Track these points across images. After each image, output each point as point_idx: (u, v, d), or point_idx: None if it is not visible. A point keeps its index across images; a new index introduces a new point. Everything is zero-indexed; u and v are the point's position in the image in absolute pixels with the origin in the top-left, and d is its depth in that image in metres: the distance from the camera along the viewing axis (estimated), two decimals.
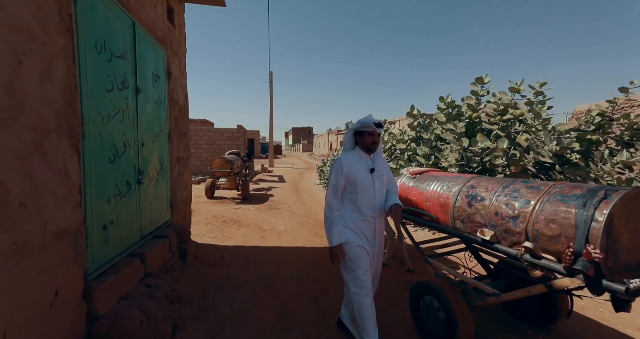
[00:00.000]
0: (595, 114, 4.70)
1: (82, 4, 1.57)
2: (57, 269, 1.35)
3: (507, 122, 4.18)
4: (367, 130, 1.89)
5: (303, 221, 5.48)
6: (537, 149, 3.65)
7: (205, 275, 2.89)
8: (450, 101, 4.96)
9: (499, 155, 3.90)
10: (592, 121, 4.75)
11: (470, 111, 4.69)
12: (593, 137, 4.55)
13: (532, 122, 4.16)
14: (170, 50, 3.07)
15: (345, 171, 1.87)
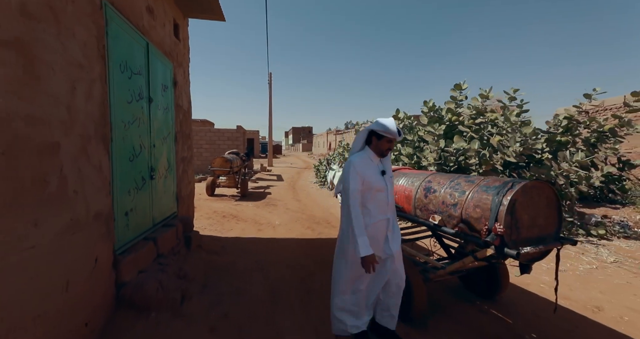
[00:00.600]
0: (562, 118, 5.14)
1: (111, 35, 2.00)
2: (96, 242, 1.77)
3: (479, 125, 4.60)
4: (388, 136, 1.84)
5: (297, 216, 5.90)
6: (504, 150, 4.07)
7: (207, 260, 3.31)
8: (432, 105, 5.38)
9: (472, 155, 4.33)
10: (560, 124, 5.19)
11: (450, 115, 5.12)
12: (562, 139, 4.99)
13: (504, 125, 4.58)
14: (176, 62, 3.49)
15: (360, 175, 1.81)
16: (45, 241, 1.35)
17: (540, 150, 4.96)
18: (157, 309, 2.06)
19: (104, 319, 1.83)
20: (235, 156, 8.78)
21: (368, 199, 1.83)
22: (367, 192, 1.83)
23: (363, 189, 1.82)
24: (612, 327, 2.19)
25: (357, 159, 1.85)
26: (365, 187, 1.82)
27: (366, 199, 1.83)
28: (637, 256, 3.48)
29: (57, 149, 1.44)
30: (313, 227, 5.14)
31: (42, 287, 1.33)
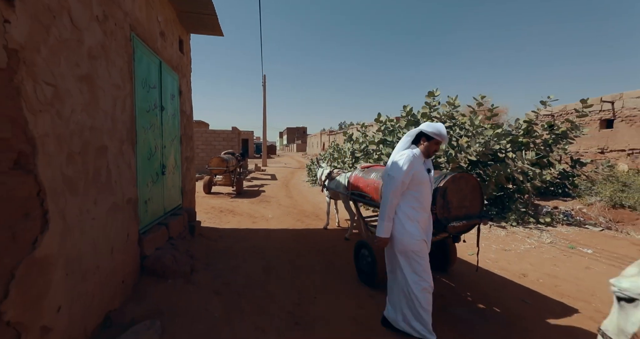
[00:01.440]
0: (522, 122, 5.82)
1: (137, 59, 2.52)
2: (128, 222, 2.30)
3: (449, 128, 5.22)
4: (440, 138, 1.94)
5: (289, 211, 6.44)
6: (467, 150, 4.69)
7: (208, 245, 3.84)
8: (409, 110, 6.00)
9: (441, 154, 4.94)
10: (521, 127, 5.87)
11: (425, 119, 5.74)
12: (523, 140, 5.66)
13: (469, 128, 5.22)
14: (181, 74, 4.00)
15: (415, 170, 1.92)
16: (101, 216, 1.88)
17: (503, 150, 5.61)
18: (172, 276, 2.60)
19: (133, 281, 2.36)
20: (231, 156, 9.26)
21: (419, 192, 1.94)
22: (418, 186, 1.93)
23: (414, 182, 1.92)
24: (528, 286, 2.82)
25: (415, 155, 1.94)
26: (416, 180, 1.92)
27: (419, 194, 1.94)
28: (570, 238, 4.13)
29: (105, 150, 1.96)
30: (303, 219, 5.70)
31: (99, 248, 1.86)
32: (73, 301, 1.58)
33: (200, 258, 3.36)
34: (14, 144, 1.23)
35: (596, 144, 7.39)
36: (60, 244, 1.47)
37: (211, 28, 4.28)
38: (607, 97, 7.09)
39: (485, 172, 5.40)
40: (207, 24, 4.12)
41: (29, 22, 1.30)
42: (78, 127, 1.65)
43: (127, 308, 2.14)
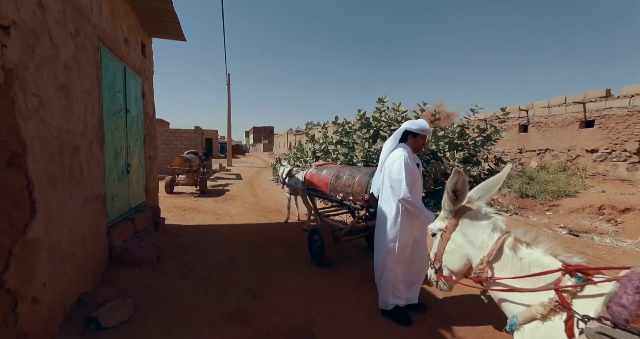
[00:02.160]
0: (457, 126, 6.79)
1: (104, 66, 2.74)
2: (98, 215, 2.53)
3: (393, 131, 5.97)
4: (425, 133, 2.08)
5: (253, 208, 6.75)
6: None
7: (173, 239, 4.07)
8: (363, 114, 6.67)
9: None
10: (455, 131, 6.83)
11: (375, 122, 6.45)
12: (457, 142, 6.62)
13: None
14: (144, 77, 4.16)
15: (412, 169, 2.05)
16: (76, 208, 2.13)
17: (441, 150, 6.52)
18: (140, 265, 2.85)
19: (103, 268, 2.60)
20: (194, 155, 9.24)
21: (414, 188, 2.06)
22: (414, 182, 2.05)
23: (411, 178, 2.02)
24: None
25: (406, 153, 2.06)
26: (414, 177, 2.05)
27: (414, 187, 2.06)
28: None
29: (78, 150, 2.20)
30: (266, 215, 6.06)
31: (74, 237, 2.10)
32: (55, 279, 1.84)
33: (166, 250, 3.60)
34: (9, 145, 1.50)
35: (516, 145, 8.79)
36: (45, 230, 1.74)
37: (174, 34, 4.48)
38: (523, 106, 8.50)
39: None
40: (169, 30, 4.32)
41: (21, 45, 1.56)
42: (57, 130, 1.90)
43: (98, 291, 2.38)
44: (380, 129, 6.21)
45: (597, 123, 6.94)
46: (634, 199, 5.25)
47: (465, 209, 1.23)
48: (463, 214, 1.23)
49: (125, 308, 2.12)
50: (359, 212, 2.96)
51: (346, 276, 3.17)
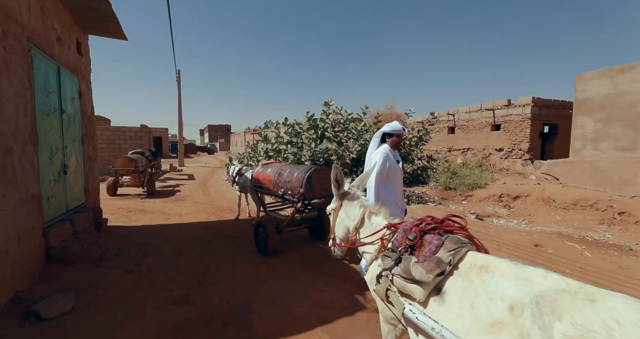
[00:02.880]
0: None
1: (35, 67, 2.71)
2: (33, 215, 2.54)
3: (337, 132, 6.55)
4: (398, 133, 2.40)
5: (204, 207, 6.77)
6: (349, 150, 6.04)
7: (117, 239, 4.04)
8: (311, 116, 7.13)
9: (332, 153, 6.19)
10: None
11: (322, 124, 6.94)
12: None
13: (355, 131, 6.64)
14: (80, 75, 4.04)
15: (390, 163, 2.33)
16: (9, 208, 2.16)
17: None
18: (81, 262, 2.90)
19: (40, 267, 2.61)
20: (140, 155, 8.81)
21: (394, 180, 2.35)
22: (394, 175, 2.36)
23: (390, 172, 2.33)
24: None
25: (387, 151, 2.35)
26: (392, 171, 2.34)
27: (393, 179, 2.35)
28: (415, 212, 5.92)
29: (11, 151, 2.23)
30: (217, 213, 6.17)
31: (8, 236, 2.14)
32: None
33: (109, 249, 3.60)
34: None
35: (446, 145, 10.11)
36: None
37: (114, 33, 4.39)
38: (451, 111, 9.83)
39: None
40: (109, 29, 4.24)
41: None
42: None
43: (35, 288, 2.42)
44: (326, 130, 6.73)
45: (502, 127, 8.39)
46: (523, 188, 6.56)
47: (347, 194, 1.70)
48: (345, 197, 1.70)
49: (66, 300, 2.23)
50: (297, 205, 3.37)
51: (286, 261, 3.56)
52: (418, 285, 1.01)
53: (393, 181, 2.40)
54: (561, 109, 8.11)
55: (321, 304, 2.58)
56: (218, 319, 2.32)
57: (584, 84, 6.39)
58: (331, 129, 6.59)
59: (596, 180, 6.22)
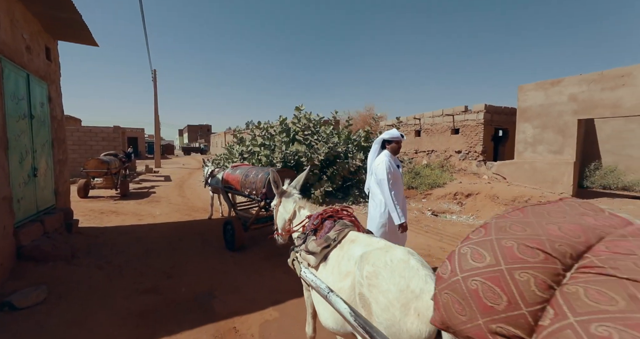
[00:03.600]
0: (362, 131, 8.07)
1: (5, 77, 2.86)
2: (4, 216, 2.69)
3: (307, 136, 6.93)
4: (397, 140, 2.55)
5: (179, 208, 6.89)
6: (317, 152, 6.44)
7: (89, 239, 4.17)
8: (283, 119, 7.45)
9: (302, 155, 6.55)
10: (362, 134, 8.11)
11: (293, 127, 7.29)
12: (364, 144, 7.89)
13: (324, 135, 7.04)
14: (50, 81, 4.13)
15: (392, 169, 2.48)
16: None
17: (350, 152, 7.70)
18: (53, 260, 3.06)
19: (11, 264, 2.76)
20: (113, 157, 8.71)
21: (397, 185, 2.50)
22: (396, 180, 2.50)
23: (393, 178, 2.46)
24: None
25: (387, 158, 2.50)
26: (395, 176, 2.49)
27: (396, 185, 2.50)
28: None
29: None
30: (191, 214, 6.33)
31: None
32: None
33: (81, 248, 3.75)
34: None
35: (414, 147, 10.79)
36: None
37: (84, 39, 4.50)
38: (417, 115, 10.52)
39: (334, 169, 7.36)
40: (79, 36, 4.35)
41: None
42: None
43: (7, 284, 2.58)
44: (297, 133, 7.09)
45: (460, 131, 9.15)
46: (475, 187, 7.25)
47: (285, 192, 2.07)
48: (283, 195, 2.06)
49: (39, 292, 2.42)
50: (260, 203, 3.69)
51: (252, 256, 3.87)
52: (312, 255, 1.39)
53: (396, 185, 2.55)
54: (511, 115, 8.96)
55: (277, 290, 2.92)
56: (183, 305, 2.61)
57: (525, 94, 7.19)
58: (301, 132, 6.96)
59: (534, 179, 7.02)
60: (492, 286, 0.53)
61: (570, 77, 6.37)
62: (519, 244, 0.55)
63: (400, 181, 2.63)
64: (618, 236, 0.50)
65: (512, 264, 0.53)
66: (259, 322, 2.39)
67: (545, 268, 0.50)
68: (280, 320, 2.42)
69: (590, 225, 0.54)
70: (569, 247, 0.52)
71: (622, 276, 0.43)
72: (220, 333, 2.23)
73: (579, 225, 0.54)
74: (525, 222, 0.59)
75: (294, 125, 7.32)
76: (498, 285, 0.53)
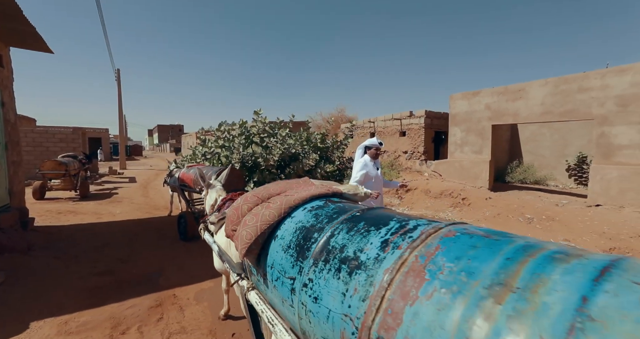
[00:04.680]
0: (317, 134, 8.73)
1: None
2: None
3: (263, 138, 7.47)
4: (375, 146, 3.01)
5: (140, 207, 7.10)
6: (272, 153, 7.00)
7: (46, 235, 4.40)
8: (243, 122, 7.92)
9: (258, 156, 7.08)
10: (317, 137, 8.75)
11: (253, 129, 7.78)
12: (320, 146, 8.54)
13: (279, 137, 7.61)
14: (3, 86, 4.30)
15: (367, 170, 2.94)
16: None
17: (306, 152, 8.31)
18: (9, 252, 3.35)
19: None
20: (72, 159, 8.60)
21: (372, 184, 2.94)
22: (369, 180, 2.94)
23: (367, 177, 2.92)
24: None
25: (365, 162, 2.96)
26: (369, 176, 2.94)
27: (370, 183, 2.94)
28: None
29: None
30: (152, 212, 6.61)
31: None
32: None
33: (38, 242, 4.00)
34: None
35: None
36: None
37: (38, 47, 4.69)
38: (372, 119, 11.46)
39: (290, 168, 7.94)
40: (33, 44, 4.55)
41: None
42: None
43: None
44: (254, 136, 7.61)
45: (407, 133, 10.18)
46: (415, 183, 8.23)
47: (210, 185, 2.64)
48: (210, 187, 2.63)
49: None
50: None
51: (202, 244, 4.32)
52: (212, 225, 1.98)
53: (372, 184, 2.96)
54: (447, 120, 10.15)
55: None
56: (132, 282, 3.07)
57: (454, 102, 8.29)
58: (257, 135, 7.49)
59: (462, 175, 8.13)
60: (234, 212, 1.17)
61: (485, 89, 7.52)
62: (252, 195, 1.21)
63: (377, 181, 3.04)
64: (290, 190, 1.17)
65: (245, 203, 1.17)
66: (196, 290, 2.93)
67: (254, 202, 1.15)
68: (213, 288, 2.97)
69: (284, 186, 1.20)
70: (267, 194, 1.17)
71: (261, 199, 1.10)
72: (161, 298, 2.74)
73: (279, 187, 1.20)
74: (259, 190, 1.26)
75: (253, 128, 7.82)
76: (236, 210, 1.17)
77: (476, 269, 0.54)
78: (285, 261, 0.91)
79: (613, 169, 5.33)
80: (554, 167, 9.37)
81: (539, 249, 0.55)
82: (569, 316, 0.42)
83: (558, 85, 6.10)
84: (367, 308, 0.61)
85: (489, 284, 0.51)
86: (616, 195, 5.29)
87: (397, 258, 0.64)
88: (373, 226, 0.78)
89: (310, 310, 0.76)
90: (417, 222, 0.75)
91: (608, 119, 5.43)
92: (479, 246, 0.60)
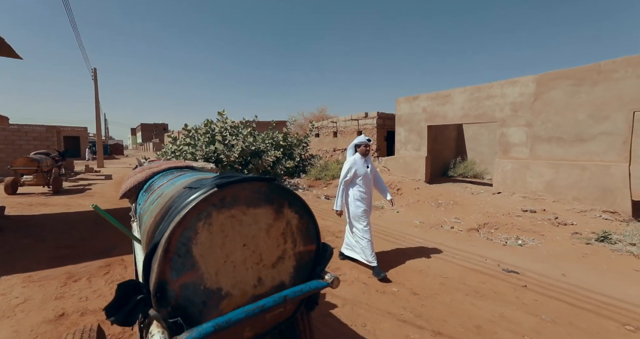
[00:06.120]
0: (278, 133, 9.51)
1: None
2: None
3: (225, 136, 8.16)
4: (364, 144, 3.04)
5: (110, 200, 7.56)
6: (233, 150, 7.70)
7: (16, 223, 4.91)
8: (208, 122, 8.56)
9: (220, 153, 7.75)
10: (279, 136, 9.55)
11: (217, 128, 8.43)
12: (283, 144, 9.31)
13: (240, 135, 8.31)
14: None
15: (354, 168, 2.97)
16: None
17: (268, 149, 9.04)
18: None
19: None
20: (45, 156, 8.88)
21: (359, 181, 2.99)
22: (360, 177, 2.98)
23: (356, 175, 2.98)
24: None
25: (354, 158, 3.04)
26: (357, 174, 2.98)
27: (359, 180, 3.00)
28: None
29: None
30: (121, 204, 7.11)
31: None
32: None
33: (8, 227, 4.53)
34: None
35: (332, 146, 12.59)
36: None
37: (6, 53, 5.17)
38: (334, 119, 12.32)
39: (252, 164, 8.68)
40: (1, 51, 5.02)
41: None
42: None
43: None
44: (217, 134, 8.27)
45: (363, 133, 11.10)
46: None
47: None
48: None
49: None
50: None
51: None
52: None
53: (361, 181, 3.03)
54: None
55: None
56: (90, 253, 3.71)
57: (399, 105, 9.26)
58: (219, 134, 8.16)
59: (406, 170, 9.12)
60: (127, 176, 1.93)
61: (423, 94, 8.51)
62: (140, 169, 1.98)
63: (366, 178, 3.06)
64: (165, 165, 1.93)
65: (133, 172, 1.93)
66: None
67: (139, 171, 1.91)
68: None
69: (165, 163, 1.96)
70: (149, 167, 1.93)
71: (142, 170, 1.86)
72: (110, 261, 3.41)
73: (162, 163, 1.97)
74: (151, 164, 2.02)
75: (217, 127, 8.48)
76: (127, 175, 1.93)
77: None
78: (141, 198, 1.67)
79: (508, 163, 6.40)
80: (489, 163, 10.56)
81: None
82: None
83: (473, 92, 7.13)
84: (159, 210, 1.40)
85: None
86: (510, 184, 6.37)
87: (173, 187, 1.42)
88: (179, 179, 1.57)
89: (142, 217, 1.53)
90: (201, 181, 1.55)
91: (506, 122, 6.50)
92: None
